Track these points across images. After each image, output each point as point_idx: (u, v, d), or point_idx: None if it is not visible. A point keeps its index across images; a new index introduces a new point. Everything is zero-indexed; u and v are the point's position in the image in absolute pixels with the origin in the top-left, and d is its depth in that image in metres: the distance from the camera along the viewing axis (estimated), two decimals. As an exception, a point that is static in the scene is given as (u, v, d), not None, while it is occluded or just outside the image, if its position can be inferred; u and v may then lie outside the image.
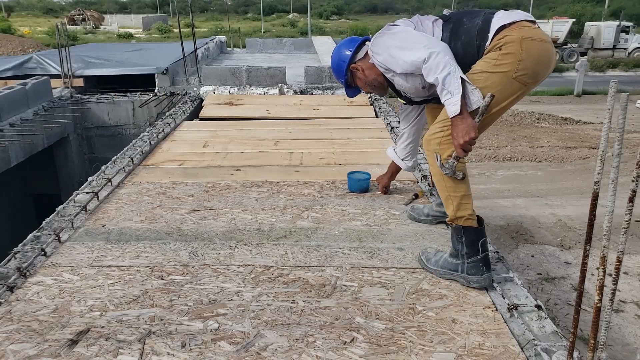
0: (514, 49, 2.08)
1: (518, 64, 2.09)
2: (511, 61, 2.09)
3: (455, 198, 2.20)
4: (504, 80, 2.12)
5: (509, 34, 2.10)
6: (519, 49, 2.08)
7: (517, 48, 2.08)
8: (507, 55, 2.09)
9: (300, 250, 2.54)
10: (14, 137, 5.73)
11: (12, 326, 1.93)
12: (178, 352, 1.78)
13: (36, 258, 2.42)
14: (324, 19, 55.10)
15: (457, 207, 2.20)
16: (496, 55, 2.11)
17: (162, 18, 50.50)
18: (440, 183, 2.23)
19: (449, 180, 2.19)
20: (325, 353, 1.78)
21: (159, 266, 2.38)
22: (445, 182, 2.21)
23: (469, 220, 2.19)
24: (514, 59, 2.09)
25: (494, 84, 2.12)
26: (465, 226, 2.19)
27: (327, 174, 3.71)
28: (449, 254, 2.27)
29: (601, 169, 1.40)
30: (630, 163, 9.03)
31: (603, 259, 1.45)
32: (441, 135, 2.18)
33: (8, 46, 22.12)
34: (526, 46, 2.08)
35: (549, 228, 7.76)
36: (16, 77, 7.46)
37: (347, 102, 6.57)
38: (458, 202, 2.19)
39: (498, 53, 2.11)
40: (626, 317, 5.54)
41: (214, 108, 6.36)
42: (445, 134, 2.17)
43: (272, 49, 12.73)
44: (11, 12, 55.76)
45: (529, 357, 1.76)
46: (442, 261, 2.27)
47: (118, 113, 7.72)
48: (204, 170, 3.82)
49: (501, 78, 2.11)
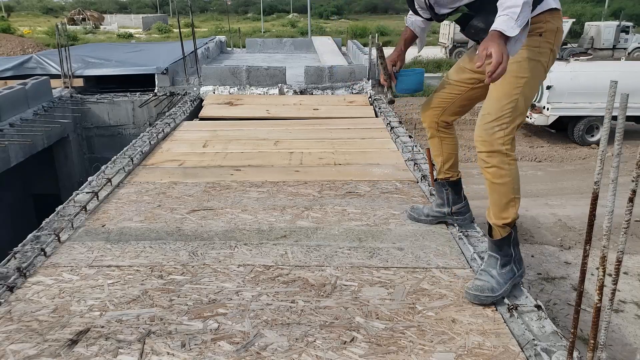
0: (552, 39, 2.00)
1: (550, 55, 2.03)
2: (547, 51, 2.01)
3: (518, 199, 2.09)
4: (541, 71, 2.03)
5: (551, 22, 1.99)
6: (555, 40, 2.01)
7: (553, 39, 2.00)
8: (546, 43, 2.00)
9: (300, 250, 2.54)
10: (13, 137, 5.72)
11: (12, 326, 1.93)
12: (178, 352, 1.78)
13: (36, 258, 2.42)
14: (324, 19, 55.08)
15: (517, 208, 2.10)
16: (538, 42, 1.99)
17: (162, 18, 50.47)
18: (507, 186, 2.07)
19: (518, 181, 2.07)
20: (325, 353, 1.78)
21: (159, 266, 2.38)
22: (514, 184, 2.07)
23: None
24: (549, 49, 2.01)
25: (538, 74, 2.03)
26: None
27: (327, 174, 3.71)
28: (498, 267, 2.10)
29: (601, 168, 1.40)
30: (630, 163, 9.03)
31: (603, 259, 1.45)
32: (502, 134, 2.02)
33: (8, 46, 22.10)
34: (558, 39, 2.01)
35: (549, 228, 7.76)
36: (16, 77, 7.45)
37: (347, 102, 6.57)
38: (519, 203, 2.09)
39: (540, 40, 1.99)
40: (626, 317, 5.54)
41: (213, 108, 6.36)
42: (506, 131, 2.02)
43: (272, 49, 12.72)
44: (11, 12, 55.74)
45: (529, 357, 1.76)
46: (499, 278, 2.08)
47: (118, 113, 7.71)
48: (204, 170, 3.82)
49: (540, 68, 2.02)
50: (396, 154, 4.17)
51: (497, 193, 2.08)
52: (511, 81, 2.00)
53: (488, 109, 2.07)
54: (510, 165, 2.05)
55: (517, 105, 2.03)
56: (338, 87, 7.21)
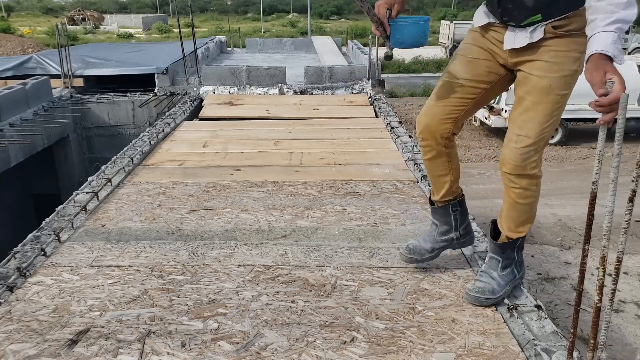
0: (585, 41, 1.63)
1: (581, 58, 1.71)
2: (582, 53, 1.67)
3: (535, 212, 2.00)
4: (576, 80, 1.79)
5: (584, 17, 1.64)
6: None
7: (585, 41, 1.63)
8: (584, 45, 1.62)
9: (300, 249, 2.54)
10: (13, 137, 5.73)
11: (12, 326, 1.93)
12: (178, 352, 1.78)
13: (36, 258, 2.42)
14: (324, 19, 55.09)
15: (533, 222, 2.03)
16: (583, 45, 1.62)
17: (162, 18, 50.45)
18: (530, 205, 1.95)
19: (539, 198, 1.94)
20: (325, 353, 1.78)
21: (159, 266, 2.38)
22: (536, 203, 1.95)
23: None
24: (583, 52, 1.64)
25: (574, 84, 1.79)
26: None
27: (327, 174, 3.71)
28: (499, 270, 2.04)
29: (599, 168, 1.40)
30: (630, 163, 9.03)
31: (603, 259, 1.45)
32: (537, 157, 1.82)
33: (8, 46, 22.09)
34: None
35: (549, 228, 7.76)
36: (16, 77, 7.46)
37: (347, 102, 6.57)
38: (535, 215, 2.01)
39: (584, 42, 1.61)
40: (626, 317, 5.54)
41: (213, 108, 6.36)
42: (540, 153, 1.83)
43: (272, 49, 12.72)
44: (11, 12, 55.73)
45: (529, 357, 1.76)
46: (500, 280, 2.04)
47: (118, 113, 7.71)
48: (204, 170, 3.82)
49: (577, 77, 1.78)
50: (396, 154, 4.17)
51: (518, 211, 1.96)
52: (555, 100, 1.78)
53: (527, 132, 1.80)
54: (537, 187, 1.91)
55: (555, 123, 1.82)
56: (338, 87, 7.21)
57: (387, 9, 1.78)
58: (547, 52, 1.79)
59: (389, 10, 1.79)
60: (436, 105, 1.99)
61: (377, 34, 1.83)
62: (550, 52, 1.78)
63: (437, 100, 1.99)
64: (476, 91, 1.96)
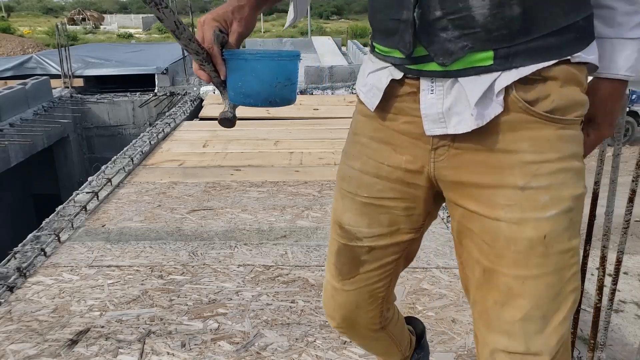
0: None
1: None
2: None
3: None
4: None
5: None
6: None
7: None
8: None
9: (300, 249, 2.54)
10: (13, 137, 5.73)
11: (12, 326, 1.93)
12: (178, 352, 1.78)
13: (36, 258, 2.42)
14: (324, 19, 55.13)
15: None
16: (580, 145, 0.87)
17: (162, 18, 50.32)
18: None
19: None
20: (325, 353, 1.78)
21: (159, 266, 2.38)
22: None
23: None
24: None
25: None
26: None
27: (327, 174, 3.71)
28: None
29: (600, 168, 1.40)
30: (630, 163, 9.03)
31: (603, 259, 1.46)
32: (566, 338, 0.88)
33: (8, 46, 22.10)
34: None
35: (549, 228, 7.76)
36: (16, 77, 7.47)
37: (347, 102, 6.57)
38: None
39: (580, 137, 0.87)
40: (626, 317, 5.54)
41: (214, 108, 6.36)
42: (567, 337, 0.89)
43: (272, 49, 12.73)
44: (11, 12, 55.77)
45: (529, 357, 1.76)
46: None
47: (118, 113, 7.72)
48: (204, 170, 3.82)
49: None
50: (396, 154, 4.16)
51: None
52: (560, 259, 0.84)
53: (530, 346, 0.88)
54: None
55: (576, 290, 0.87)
56: (338, 87, 7.21)
57: (218, 29, 0.89)
58: (517, 160, 0.81)
59: (221, 33, 0.90)
60: (344, 290, 1.07)
61: (203, 77, 0.92)
62: (527, 163, 0.81)
63: (341, 279, 1.06)
64: (396, 247, 1.05)
